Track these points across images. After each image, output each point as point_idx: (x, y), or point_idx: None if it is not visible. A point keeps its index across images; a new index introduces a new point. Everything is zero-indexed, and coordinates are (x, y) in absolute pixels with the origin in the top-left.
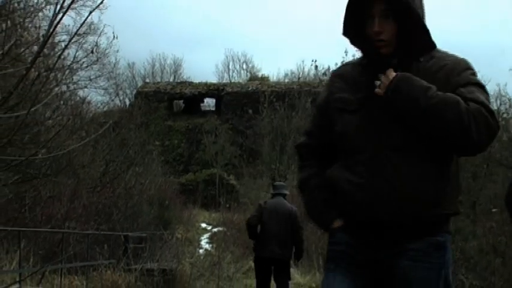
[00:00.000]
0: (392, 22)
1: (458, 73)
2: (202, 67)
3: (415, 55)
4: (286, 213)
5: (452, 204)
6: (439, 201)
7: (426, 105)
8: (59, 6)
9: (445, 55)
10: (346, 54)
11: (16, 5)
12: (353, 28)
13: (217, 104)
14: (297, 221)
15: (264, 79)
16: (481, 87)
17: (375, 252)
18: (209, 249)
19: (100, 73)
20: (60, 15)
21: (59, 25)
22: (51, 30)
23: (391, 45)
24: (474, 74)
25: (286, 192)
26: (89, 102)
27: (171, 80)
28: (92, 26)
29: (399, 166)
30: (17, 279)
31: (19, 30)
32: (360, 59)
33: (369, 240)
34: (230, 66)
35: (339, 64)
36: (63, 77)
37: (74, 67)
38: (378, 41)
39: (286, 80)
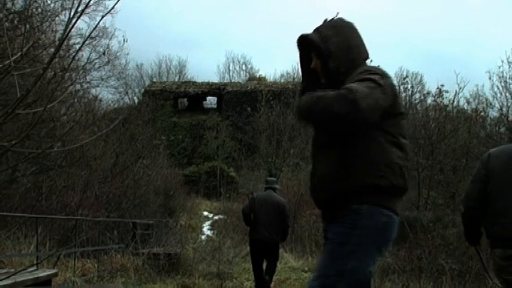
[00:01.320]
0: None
1: (353, 77)
2: (205, 68)
3: (336, 77)
4: (275, 204)
5: (359, 179)
6: (340, 179)
7: (310, 106)
8: (73, 11)
9: (365, 68)
10: None
11: (34, 10)
12: (306, 69)
13: (218, 102)
14: (285, 211)
15: (261, 79)
16: (368, 80)
17: (326, 225)
18: (210, 235)
19: (111, 73)
20: (74, 20)
21: (73, 29)
22: (66, 33)
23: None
24: (370, 73)
25: (277, 186)
26: (100, 100)
27: (176, 79)
28: (104, 30)
29: (320, 158)
30: (35, 262)
31: (37, 33)
32: None
33: (323, 217)
34: (230, 67)
35: None
36: (77, 77)
37: (87, 67)
38: (319, 73)
39: (282, 80)
